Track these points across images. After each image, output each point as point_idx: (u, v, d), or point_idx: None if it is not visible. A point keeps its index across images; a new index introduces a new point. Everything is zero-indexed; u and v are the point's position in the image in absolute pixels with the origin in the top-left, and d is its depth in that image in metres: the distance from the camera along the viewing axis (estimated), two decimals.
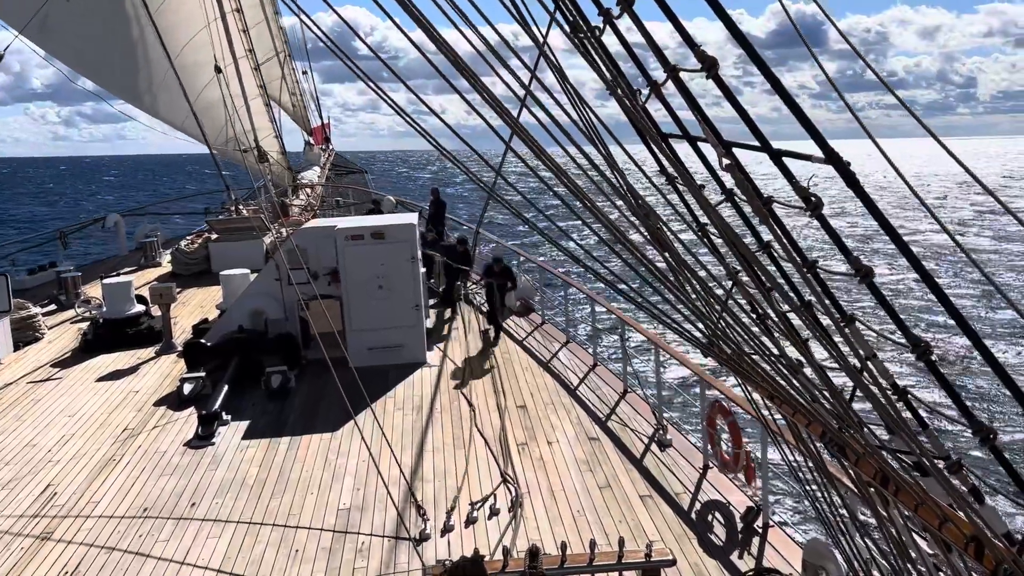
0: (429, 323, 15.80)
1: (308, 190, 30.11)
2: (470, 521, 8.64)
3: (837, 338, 3.80)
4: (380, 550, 8.12)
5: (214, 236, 23.11)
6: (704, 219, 4.14)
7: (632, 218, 4.37)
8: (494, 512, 8.81)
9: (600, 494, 9.25)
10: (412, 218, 14.87)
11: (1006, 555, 2.79)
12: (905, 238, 3.17)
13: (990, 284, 2.90)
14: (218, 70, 20.30)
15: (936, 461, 3.44)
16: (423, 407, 12.00)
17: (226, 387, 12.31)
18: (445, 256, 17.63)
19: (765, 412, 5.12)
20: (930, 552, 4.59)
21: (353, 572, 7.73)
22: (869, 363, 3.67)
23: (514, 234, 42.21)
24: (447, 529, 8.47)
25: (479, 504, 8.93)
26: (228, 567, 7.83)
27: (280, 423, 11.57)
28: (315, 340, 12.90)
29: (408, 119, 4.22)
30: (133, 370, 14.21)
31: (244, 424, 11.53)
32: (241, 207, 24.34)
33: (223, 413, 11.60)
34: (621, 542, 6.25)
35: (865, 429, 3.99)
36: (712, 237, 4.23)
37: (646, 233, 4.34)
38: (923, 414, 4.13)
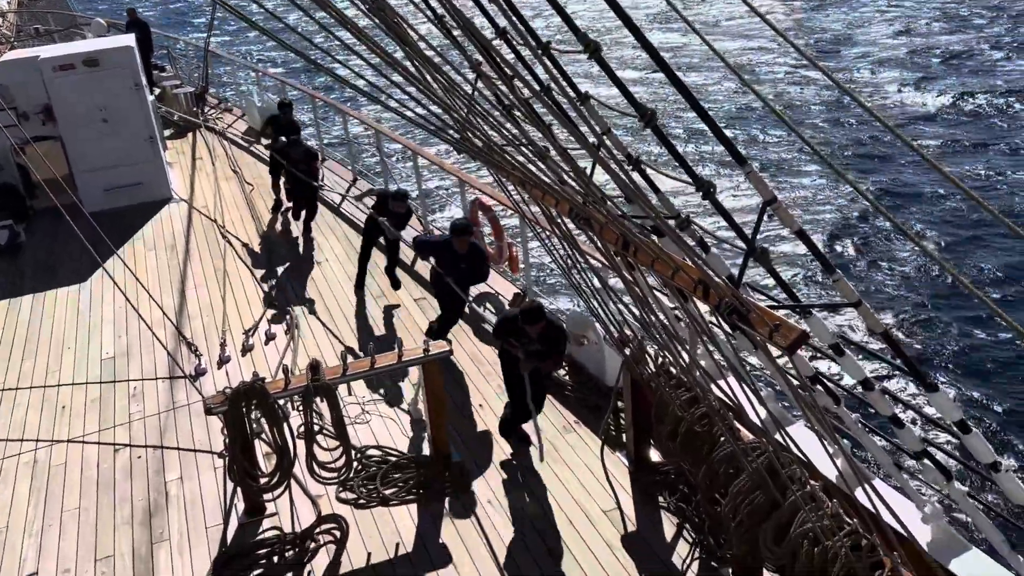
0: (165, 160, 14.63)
1: None
2: (246, 350, 8.55)
3: (576, 120, 3.97)
4: (155, 392, 7.90)
5: None
6: (440, 10, 4.05)
7: (368, 13, 4.19)
8: (270, 338, 8.75)
9: (375, 303, 9.43)
10: (129, 40, 13.35)
11: (726, 292, 3.19)
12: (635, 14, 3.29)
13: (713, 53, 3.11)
14: None
15: (668, 221, 3.80)
16: (176, 244, 11.39)
17: None
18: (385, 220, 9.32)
19: (519, 200, 5.34)
20: (671, 305, 5.16)
21: (129, 417, 7.51)
22: (605, 138, 3.89)
23: (247, 43, 39.10)
24: (223, 361, 8.35)
25: (252, 331, 8.82)
26: None
27: (17, 282, 10.58)
28: (40, 187, 11.65)
29: None
30: None
31: None
32: None
33: None
34: (399, 343, 6.47)
35: (609, 202, 4.29)
36: (451, 28, 4.17)
37: (384, 27, 4.19)
38: (656, 180, 4.50)
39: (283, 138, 11.93)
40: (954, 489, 3.93)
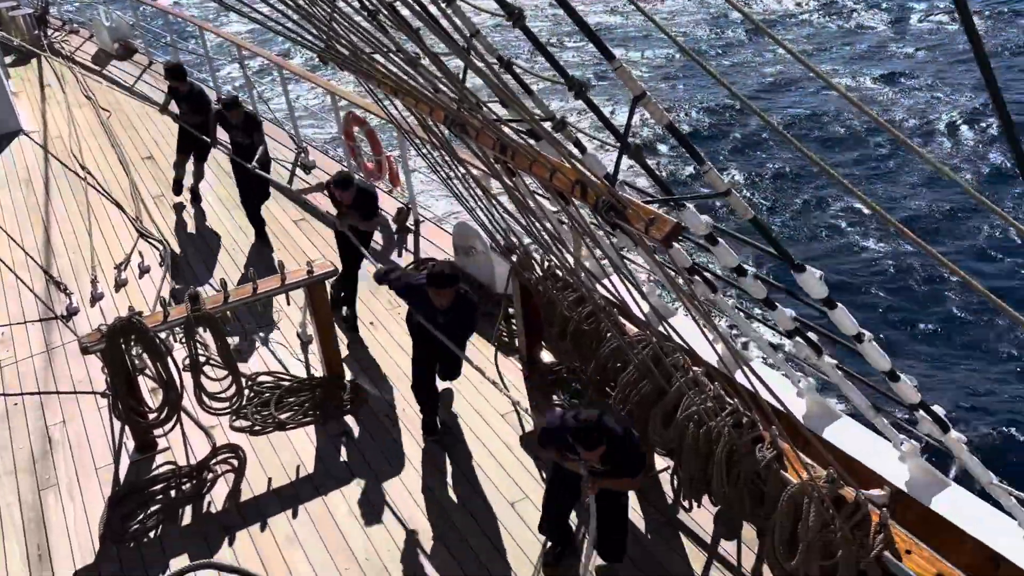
0: (13, 85, 13.53)
1: None
2: (119, 285, 8.18)
3: (445, 24, 3.86)
4: (25, 336, 7.50)
5: None
6: None
7: None
8: (144, 271, 8.39)
9: (253, 229, 9.13)
10: None
11: (602, 190, 3.22)
12: None
13: None
14: None
15: (543, 123, 3.78)
16: (32, 179, 10.65)
17: None
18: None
19: (394, 111, 5.20)
20: (553, 208, 5.19)
21: (0, 364, 7.13)
22: (475, 40, 3.81)
23: None
24: (96, 298, 7.97)
25: (123, 266, 8.42)
26: None
27: None
28: None
29: None
30: None
31: None
32: None
33: None
34: (281, 266, 6.31)
35: (484, 108, 4.23)
36: None
37: None
38: (530, 84, 4.45)
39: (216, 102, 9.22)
40: (824, 363, 4.18)
